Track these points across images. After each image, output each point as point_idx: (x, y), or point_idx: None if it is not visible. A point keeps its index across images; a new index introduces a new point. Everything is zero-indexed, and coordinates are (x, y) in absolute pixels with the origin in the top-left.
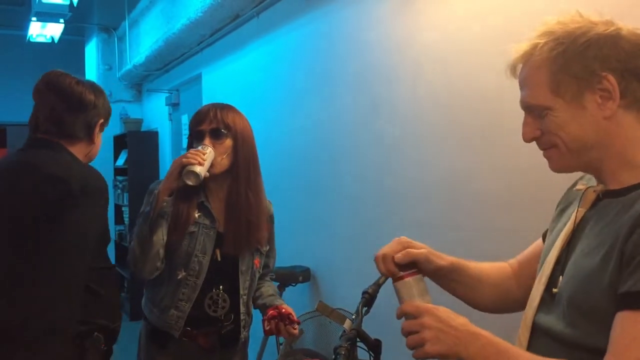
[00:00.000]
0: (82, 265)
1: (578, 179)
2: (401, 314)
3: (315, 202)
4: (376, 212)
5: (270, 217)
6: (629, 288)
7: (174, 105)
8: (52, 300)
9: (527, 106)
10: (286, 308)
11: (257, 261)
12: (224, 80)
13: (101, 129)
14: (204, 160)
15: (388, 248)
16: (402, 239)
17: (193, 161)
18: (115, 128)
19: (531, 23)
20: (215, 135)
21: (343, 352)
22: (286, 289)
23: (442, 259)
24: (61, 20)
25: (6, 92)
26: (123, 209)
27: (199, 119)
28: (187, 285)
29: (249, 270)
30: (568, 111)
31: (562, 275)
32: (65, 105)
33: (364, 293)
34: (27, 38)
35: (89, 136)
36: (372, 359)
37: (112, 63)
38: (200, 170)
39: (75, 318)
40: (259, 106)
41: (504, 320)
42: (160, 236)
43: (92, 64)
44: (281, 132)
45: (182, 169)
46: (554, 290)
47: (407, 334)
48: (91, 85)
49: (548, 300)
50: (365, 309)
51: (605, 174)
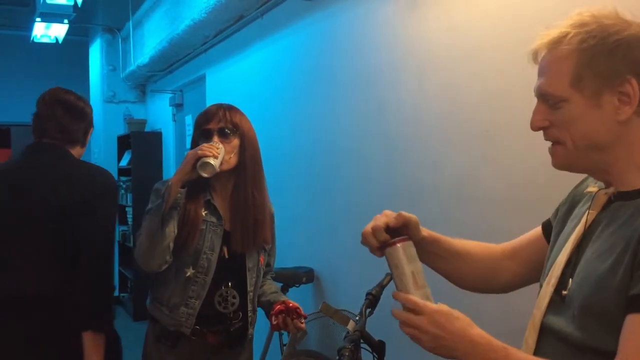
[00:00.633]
0: (113, 250)
1: (583, 179)
2: (399, 302)
3: (318, 203)
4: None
5: (272, 216)
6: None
7: (178, 106)
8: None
9: (543, 93)
10: (293, 303)
11: (262, 258)
12: (228, 81)
13: (90, 135)
14: (218, 154)
15: (376, 221)
16: (386, 211)
17: (208, 153)
18: (119, 129)
19: (537, 25)
20: (224, 134)
21: (347, 354)
22: (290, 289)
23: (424, 230)
24: (65, 20)
25: (10, 93)
26: (126, 209)
27: (206, 117)
28: (197, 282)
29: (255, 267)
30: (583, 107)
31: (572, 277)
32: (70, 116)
33: (368, 294)
34: (32, 38)
35: (83, 141)
36: None
37: (116, 64)
38: (215, 162)
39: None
40: (263, 107)
41: (510, 321)
42: (172, 229)
43: (96, 64)
44: (285, 133)
45: (196, 161)
46: (564, 292)
47: (404, 324)
48: (84, 100)
49: (557, 302)
50: (369, 310)
51: (612, 177)
